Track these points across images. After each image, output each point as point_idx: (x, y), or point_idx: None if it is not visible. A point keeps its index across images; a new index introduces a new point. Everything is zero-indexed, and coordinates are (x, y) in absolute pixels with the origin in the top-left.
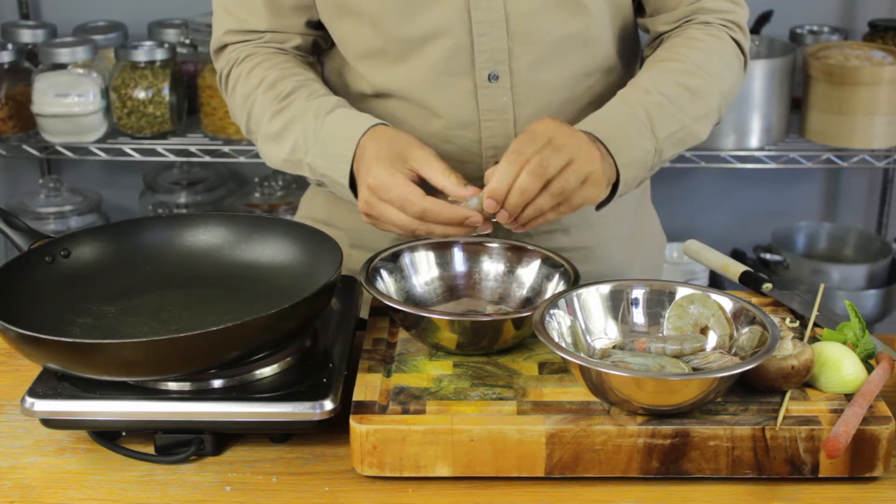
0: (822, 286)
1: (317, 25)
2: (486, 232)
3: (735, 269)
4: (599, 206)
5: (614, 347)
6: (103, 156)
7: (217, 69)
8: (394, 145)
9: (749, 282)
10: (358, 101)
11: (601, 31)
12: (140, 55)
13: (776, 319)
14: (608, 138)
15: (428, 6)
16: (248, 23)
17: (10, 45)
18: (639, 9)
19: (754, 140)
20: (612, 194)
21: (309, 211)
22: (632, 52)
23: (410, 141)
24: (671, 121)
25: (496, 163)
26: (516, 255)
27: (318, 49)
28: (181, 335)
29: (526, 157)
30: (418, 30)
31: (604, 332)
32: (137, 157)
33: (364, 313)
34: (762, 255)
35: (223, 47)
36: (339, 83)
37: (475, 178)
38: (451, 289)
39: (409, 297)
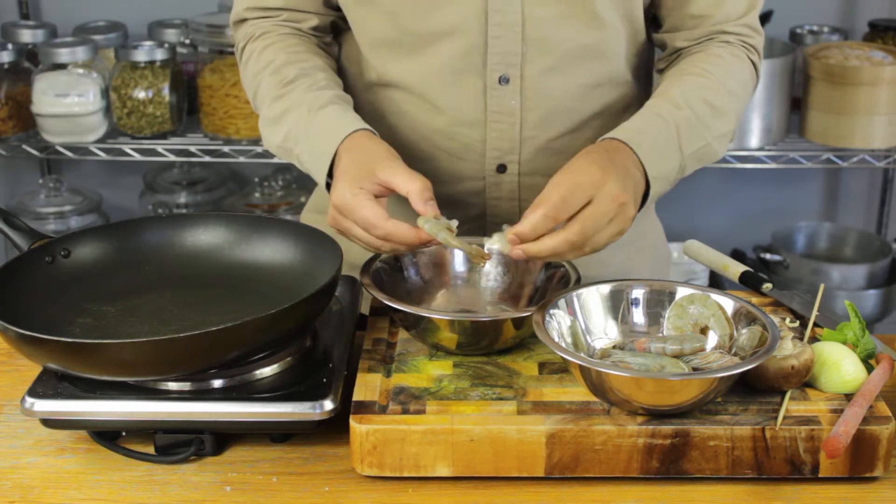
0: (822, 286)
1: (336, 7)
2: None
3: (735, 269)
4: None
5: (614, 347)
6: (103, 156)
7: (235, 42)
8: (364, 158)
9: (749, 282)
10: (368, 88)
11: (616, 44)
12: (140, 55)
13: (776, 319)
14: (644, 153)
15: (445, 4)
16: (266, 0)
17: (10, 45)
18: (653, 23)
19: (754, 140)
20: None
21: (316, 202)
22: (643, 67)
23: (381, 153)
24: (697, 138)
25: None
26: None
27: (337, 29)
28: (181, 335)
29: (564, 216)
30: (433, 25)
31: (604, 332)
32: (137, 157)
33: (364, 313)
34: (762, 255)
35: (242, 21)
36: (353, 69)
37: (475, 178)
38: (452, 289)
39: (409, 298)
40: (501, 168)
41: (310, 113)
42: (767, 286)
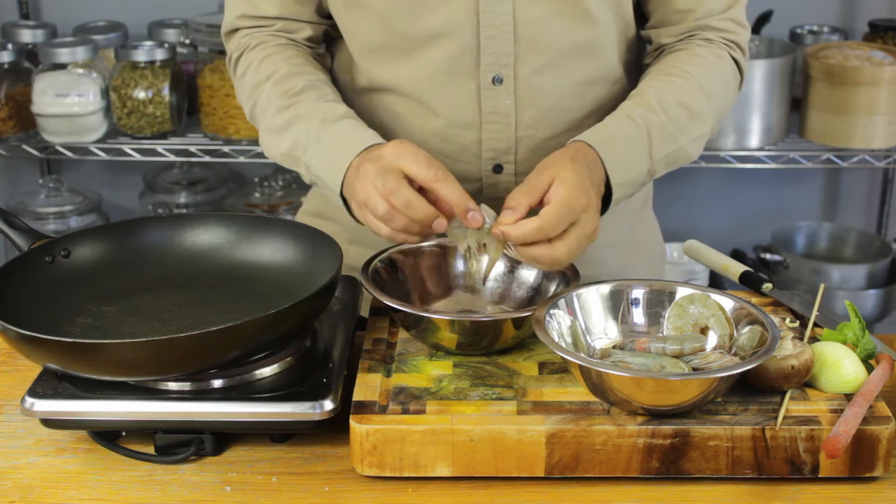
0: (822, 286)
1: (328, 15)
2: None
3: (735, 269)
4: None
5: (614, 347)
6: (103, 156)
7: (227, 51)
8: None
9: (749, 282)
10: (360, 94)
11: (607, 41)
12: (140, 55)
13: (776, 319)
14: (609, 160)
15: (437, 5)
16: (260, 8)
17: (10, 45)
18: (641, 19)
19: (754, 140)
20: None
21: (311, 205)
22: (636, 63)
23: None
24: (668, 143)
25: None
26: None
27: (329, 38)
28: (181, 335)
29: (554, 235)
30: (425, 28)
31: (604, 332)
32: (137, 157)
33: (364, 313)
34: (762, 255)
35: (235, 31)
36: (345, 76)
37: (472, 179)
38: (452, 289)
39: (409, 297)
40: (498, 168)
41: (324, 123)
42: (767, 286)
